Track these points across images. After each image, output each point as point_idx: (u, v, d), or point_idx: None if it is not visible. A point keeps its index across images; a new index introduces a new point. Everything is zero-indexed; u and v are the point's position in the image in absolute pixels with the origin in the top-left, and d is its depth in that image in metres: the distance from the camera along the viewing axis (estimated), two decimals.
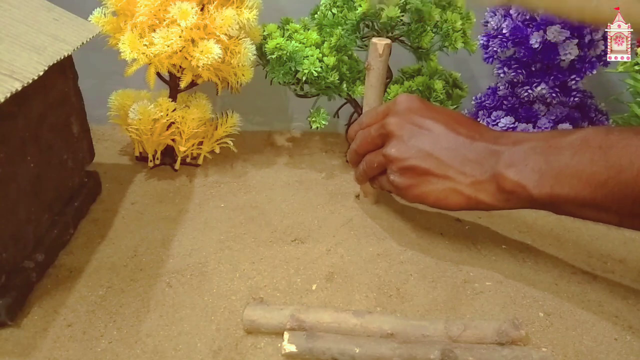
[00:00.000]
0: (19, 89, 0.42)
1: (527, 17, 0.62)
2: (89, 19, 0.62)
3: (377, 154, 0.51)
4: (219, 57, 0.61)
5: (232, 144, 0.74)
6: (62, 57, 0.50)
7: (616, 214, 0.42)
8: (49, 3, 0.56)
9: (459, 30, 0.63)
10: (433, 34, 0.63)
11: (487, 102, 0.68)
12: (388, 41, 0.48)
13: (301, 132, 0.85)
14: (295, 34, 0.66)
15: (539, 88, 0.61)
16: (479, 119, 0.69)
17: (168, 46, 0.60)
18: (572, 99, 0.63)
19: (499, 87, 0.68)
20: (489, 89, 0.69)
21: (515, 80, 0.64)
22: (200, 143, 0.73)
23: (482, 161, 0.45)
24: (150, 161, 0.72)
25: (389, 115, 0.50)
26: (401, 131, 0.48)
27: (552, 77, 0.61)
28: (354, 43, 0.65)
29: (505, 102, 0.67)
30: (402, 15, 0.62)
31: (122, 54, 0.61)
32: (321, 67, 0.64)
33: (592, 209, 0.42)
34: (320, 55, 0.65)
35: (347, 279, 0.53)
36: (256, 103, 0.81)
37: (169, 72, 0.67)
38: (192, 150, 0.72)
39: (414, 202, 0.50)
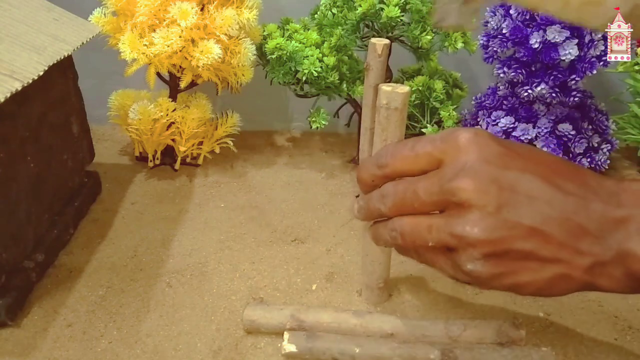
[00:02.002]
0: (19, 89, 0.42)
1: (527, 17, 0.62)
2: (89, 19, 0.62)
3: (434, 228, 0.34)
4: (219, 57, 0.61)
5: (232, 144, 0.74)
6: (62, 57, 0.50)
7: None
8: (49, 3, 0.56)
9: (459, 30, 0.63)
10: (433, 34, 0.63)
11: (487, 102, 0.68)
12: (387, 41, 0.48)
13: (301, 132, 0.85)
14: (295, 34, 0.66)
15: (539, 88, 0.61)
16: (479, 119, 0.68)
17: (168, 46, 0.60)
18: (572, 98, 0.63)
19: (499, 87, 0.68)
20: (489, 89, 0.69)
21: (515, 80, 0.64)
22: (200, 143, 0.73)
23: (602, 233, 0.32)
24: (150, 161, 0.72)
25: (456, 172, 0.33)
26: (485, 199, 0.32)
27: (552, 77, 0.61)
28: (354, 43, 0.65)
29: (505, 102, 0.67)
30: (402, 15, 0.62)
31: (122, 54, 0.61)
32: (321, 67, 0.64)
33: None
34: (320, 55, 0.64)
35: (347, 279, 0.53)
36: (256, 103, 0.81)
37: (169, 72, 0.67)
38: (192, 150, 0.72)
39: (495, 289, 0.35)
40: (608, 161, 0.66)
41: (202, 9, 0.62)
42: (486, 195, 0.32)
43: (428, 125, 0.66)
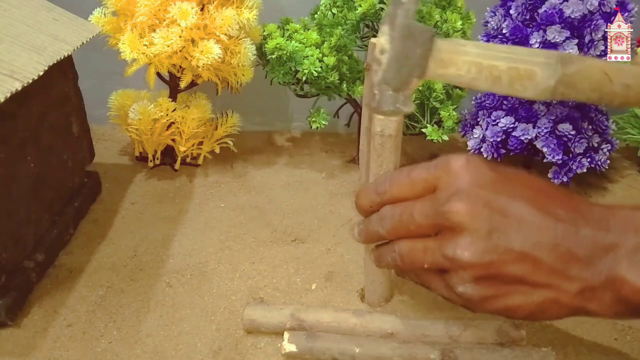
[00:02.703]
0: (19, 89, 0.42)
1: (527, 17, 0.62)
2: (89, 19, 0.62)
3: (429, 250, 0.36)
4: (219, 57, 0.61)
5: (232, 144, 0.74)
6: (62, 57, 0.50)
7: None
8: (49, 3, 0.56)
9: (459, 30, 0.63)
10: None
11: (487, 102, 0.68)
12: None
13: (301, 132, 0.85)
14: (295, 34, 0.66)
15: None
16: (479, 119, 0.68)
17: (168, 46, 0.60)
18: None
19: None
20: None
21: None
22: (200, 143, 0.73)
23: (592, 259, 0.33)
24: (150, 161, 0.72)
25: (449, 196, 0.34)
26: (476, 223, 0.33)
27: None
28: (354, 43, 0.65)
29: (505, 102, 0.67)
30: None
31: (122, 54, 0.61)
32: (321, 67, 0.64)
33: None
34: (320, 55, 0.64)
35: (347, 278, 0.53)
36: (256, 103, 0.81)
37: (169, 72, 0.67)
38: (192, 150, 0.72)
39: (487, 312, 0.36)
40: (608, 161, 0.66)
41: (202, 9, 0.62)
42: (478, 219, 0.33)
43: (428, 125, 0.66)
